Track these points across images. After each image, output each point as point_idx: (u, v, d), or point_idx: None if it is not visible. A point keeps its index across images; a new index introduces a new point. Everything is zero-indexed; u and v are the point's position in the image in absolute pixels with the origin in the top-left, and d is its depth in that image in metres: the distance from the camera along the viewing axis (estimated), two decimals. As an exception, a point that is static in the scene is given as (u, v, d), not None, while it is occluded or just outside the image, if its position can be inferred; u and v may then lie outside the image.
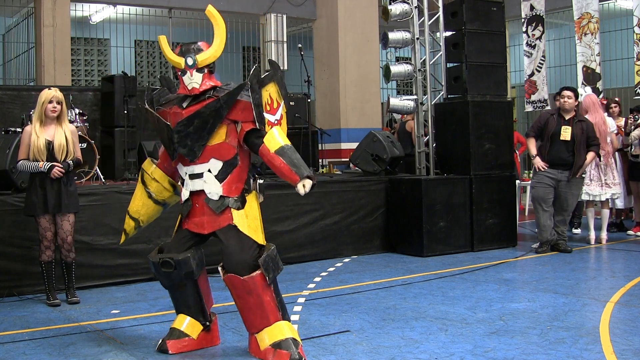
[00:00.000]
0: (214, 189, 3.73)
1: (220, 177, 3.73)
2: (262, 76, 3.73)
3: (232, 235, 3.70)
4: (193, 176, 3.77)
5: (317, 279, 6.05)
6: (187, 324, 3.94)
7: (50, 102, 5.08)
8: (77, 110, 7.55)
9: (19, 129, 6.97)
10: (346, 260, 7.06)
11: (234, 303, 4.99)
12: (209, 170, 3.73)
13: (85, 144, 7.07)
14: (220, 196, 3.73)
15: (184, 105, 3.76)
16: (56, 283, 5.25)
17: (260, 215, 3.82)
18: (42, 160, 5.01)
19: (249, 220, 3.73)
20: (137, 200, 4.08)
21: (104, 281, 5.86)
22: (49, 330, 4.45)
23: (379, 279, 6.06)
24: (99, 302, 5.30)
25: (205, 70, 3.73)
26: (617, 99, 9.35)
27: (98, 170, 7.33)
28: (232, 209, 3.72)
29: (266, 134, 3.65)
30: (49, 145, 5.06)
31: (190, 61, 3.69)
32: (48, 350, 4.00)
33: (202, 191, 3.76)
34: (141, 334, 4.33)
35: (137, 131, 8.45)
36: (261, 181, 3.90)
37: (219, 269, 3.76)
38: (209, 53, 3.72)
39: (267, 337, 3.68)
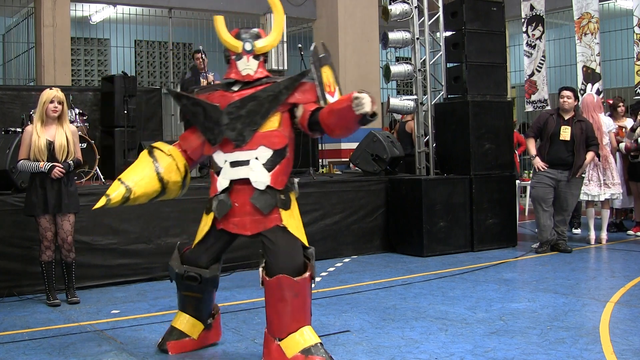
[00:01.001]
0: (260, 177, 3.51)
1: (268, 166, 3.52)
2: (321, 55, 3.61)
3: (282, 236, 3.53)
4: (236, 163, 3.53)
5: (317, 279, 6.03)
6: (188, 323, 3.86)
7: (52, 102, 5.09)
8: (77, 110, 7.55)
9: (19, 129, 6.97)
10: (346, 260, 7.06)
11: (234, 303, 4.98)
12: (256, 158, 3.52)
13: (85, 144, 7.07)
14: (268, 186, 3.51)
15: (235, 89, 3.60)
16: (56, 283, 5.25)
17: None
18: (43, 161, 5.01)
19: (295, 221, 3.61)
20: (138, 170, 3.66)
21: (104, 281, 5.86)
22: (49, 330, 4.45)
23: (379, 279, 6.06)
24: (99, 302, 5.30)
25: (261, 58, 3.62)
26: (622, 98, 9.34)
27: (98, 170, 7.34)
28: (280, 209, 3.54)
29: None
30: (50, 145, 5.06)
31: (248, 46, 3.56)
32: (48, 350, 4.00)
33: (245, 186, 3.52)
34: (141, 334, 4.33)
35: (137, 131, 8.44)
36: (297, 179, 3.74)
37: (260, 271, 3.59)
38: (268, 41, 3.62)
39: (295, 343, 3.46)
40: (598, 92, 9.80)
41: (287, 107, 3.58)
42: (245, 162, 3.51)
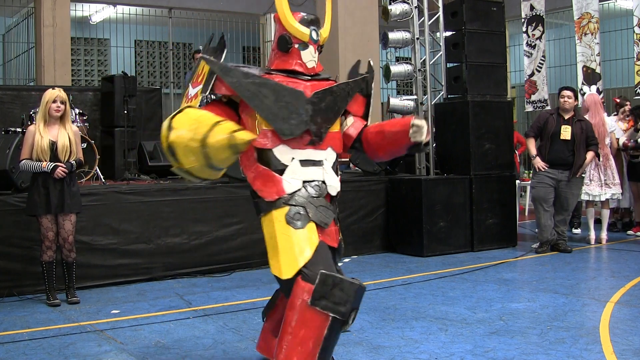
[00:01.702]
0: (334, 181, 3.09)
1: (334, 170, 3.13)
2: (372, 71, 3.37)
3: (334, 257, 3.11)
4: (308, 163, 3.03)
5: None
6: None
7: (54, 101, 5.10)
8: (77, 110, 7.55)
9: (18, 129, 6.97)
10: (346, 260, 7.05)
11: (234, 303, 5.00)
12: (326, 159, 3.10)
13: (85, 144, 7.07)
14: (338, 192, 3.12)
15: (306, 77, 3.13)
16: (56, 283, 5.25)
17: None
18: (46, 161, 5.02)
19: None
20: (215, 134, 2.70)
21: (104, 281, 5.85)
22: (49, 330, 4.44)
23: (379, 279, 6.06)
24: (99, 302, 5.30)
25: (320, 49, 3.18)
26: (626, 98, 9.34)
27: (98, 170, 7.34)
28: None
29: None
30: (53, 145, 5.07)
31: (315, 35, 3.09)
32: (48, 350, 4.00)
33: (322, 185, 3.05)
34: (141, 334, 4.33)
35: (137, 131, 8.44)
36: None
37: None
38: (327, 31, 3.20)
39: None
40: (598, 92, 9.80)
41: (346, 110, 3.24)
42: (319, 162, 3.06)
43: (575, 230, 8.67)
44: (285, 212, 2.93)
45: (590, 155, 7.06)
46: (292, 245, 2.86)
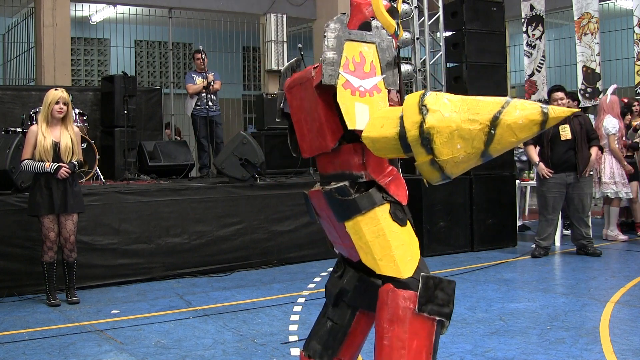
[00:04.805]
0: None
1: None
2: None
3: None
4: None
5: (317, 279, 6.05)
6: None
7: (57, 103, 5.10)
8: (77, 110, 7.54)
9: (18, 129, 6.97)
10: (346, 260, 7.04)
11: (234, 303, 5.00)
12: None
13: (85, 144, 7.07)
14: None
15: None
16: (56, 283, 5.25)
17: None
18: (48, 161, 5.02)
19: None
20: None
21: (104, 281, 5.86)
22: (49, 330, 4.45)
23: (379, 279, 6.04)
24: (99, 302, 5.30)
25: None
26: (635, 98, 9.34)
27: (98, 170, 7.34)
28: None
29: None
30: (56, 146, 5.07)
31: (398, 29, 2.69)
32: (48, 350, 4.00)
33: None
34: (141, 334, 4.33)
35: (137, 131, 8.44)
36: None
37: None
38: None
39: None
40: (598, 92, 9.80)
41: None
42: None
43: (565, 232, 8.56)
44: (388, 209, 2.75)
45: (594, 152, 6.89)
46: (404, 243, 2.71)
